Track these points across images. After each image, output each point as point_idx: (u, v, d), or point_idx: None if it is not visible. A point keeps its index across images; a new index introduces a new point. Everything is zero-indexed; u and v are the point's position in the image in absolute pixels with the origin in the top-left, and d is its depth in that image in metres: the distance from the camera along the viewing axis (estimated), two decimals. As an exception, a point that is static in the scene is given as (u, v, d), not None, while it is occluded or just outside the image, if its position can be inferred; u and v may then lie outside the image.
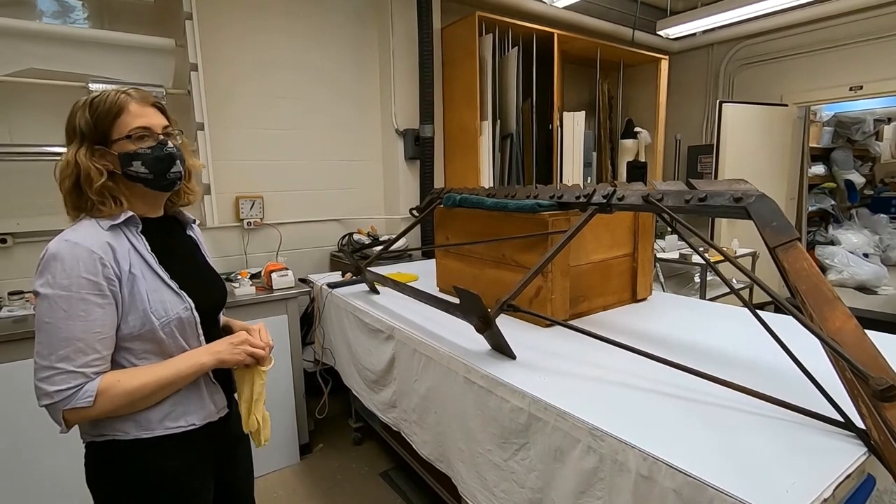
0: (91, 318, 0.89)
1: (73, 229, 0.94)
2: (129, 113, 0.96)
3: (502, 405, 1.19)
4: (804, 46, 4.15)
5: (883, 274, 4.93)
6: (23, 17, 2.16)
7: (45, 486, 1.84)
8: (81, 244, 0.90)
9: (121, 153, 0.96)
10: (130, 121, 0.96)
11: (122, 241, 0.96)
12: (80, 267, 0.89)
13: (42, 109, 2.25)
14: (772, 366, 1.21)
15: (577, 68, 4.25)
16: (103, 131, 0.96)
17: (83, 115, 0.96)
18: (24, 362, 1.79)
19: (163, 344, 0.98)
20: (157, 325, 0.95)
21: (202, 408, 1.05)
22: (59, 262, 0.89)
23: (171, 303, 0.98)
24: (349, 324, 2.11)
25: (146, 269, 0.97)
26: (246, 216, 2.82)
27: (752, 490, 0.75)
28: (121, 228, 0.97)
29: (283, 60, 2.89)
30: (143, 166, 0.97)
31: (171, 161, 1.00)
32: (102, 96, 0.96)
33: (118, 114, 0.96)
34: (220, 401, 1.09)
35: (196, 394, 1.04)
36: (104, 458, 0.98)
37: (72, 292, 0.88)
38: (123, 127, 0.96)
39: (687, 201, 1.21)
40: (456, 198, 1.93)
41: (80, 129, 0.96)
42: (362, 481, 2.34)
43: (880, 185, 6.10)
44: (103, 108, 0.95)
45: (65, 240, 0.91)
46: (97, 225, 0.95)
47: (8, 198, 2.20)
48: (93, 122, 0.95)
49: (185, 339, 1.01)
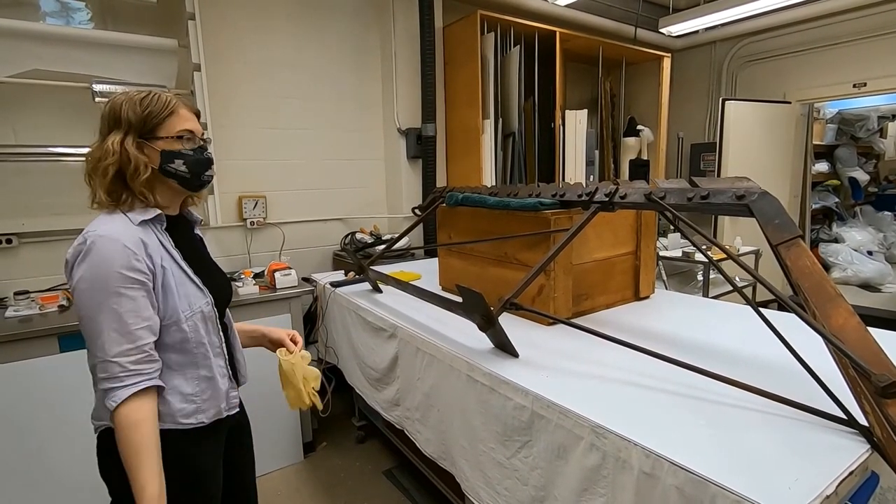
0: (124, 310, 0.92)
1: (104, 223, 0.96)
2: (179, 115, 1.02)
3: (505, 403, 1.20)
4: (807, 43, 4.13)
5: (887, 272, 4.91)
6: (26, 18, 2.17)
7: (53, 481, 1.86)
8: (117, 239, 0.93)
9: (164, 150, 1.00)
10: (180, 122, 1.02)
11: (151, 236, 0.99)
12: (113, 261, 0.91)
13: (46, 110, 2.27)
14: (775, 363, 1.21)
15: (579, 66, 4.25)
16: (152, 127, 0.99)
17: (132, 107, 0.99)
18: (31, 361, 1.80)
19: (185, 338, 1.01)
20: (183, 318, 1.00)
21: (218, 404, 1.09)
22: (95, 256, 0.91)
23: (194, 297, 1.03)
24: (352, 322, 2.12)
25: (173, 265, 1.01)
26: (249, 216, 2.83)
27: (755, 487, 0.75)
28: (150, 224, 1.00)
29: (285, 60, 2.89)
30: (183, 165, 1.02)
31: (209, 165, 1.08)
32: (154, 95, 1.01)
33: (170, 114, 1.01)
34: (234, 398, 1.15)
35: (217, 392, 1.09)
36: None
37: (106, 284, 0.91)
38: (172, 127, 1.01)
39: (689, 199, 1.21)
40: (458, 196, 1.93)
41: (127, 119, 0.98)
42: (366, 479, 2.35)
43: (885, 183, 6.06)
44: (156, 105, 1.00)
45: (99, 234, 0.93)
46: (128, 220, 0.98)
47: (13, 198, 2.22)
48: (143, 116, 0.99)
49: (205, 333, 1.05)
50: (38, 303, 2.03)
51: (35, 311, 2.00)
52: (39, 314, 1.98)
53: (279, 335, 1.29)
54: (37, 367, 1.81)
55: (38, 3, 2.26)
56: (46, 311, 2.01)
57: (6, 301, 2.12)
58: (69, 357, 1.85)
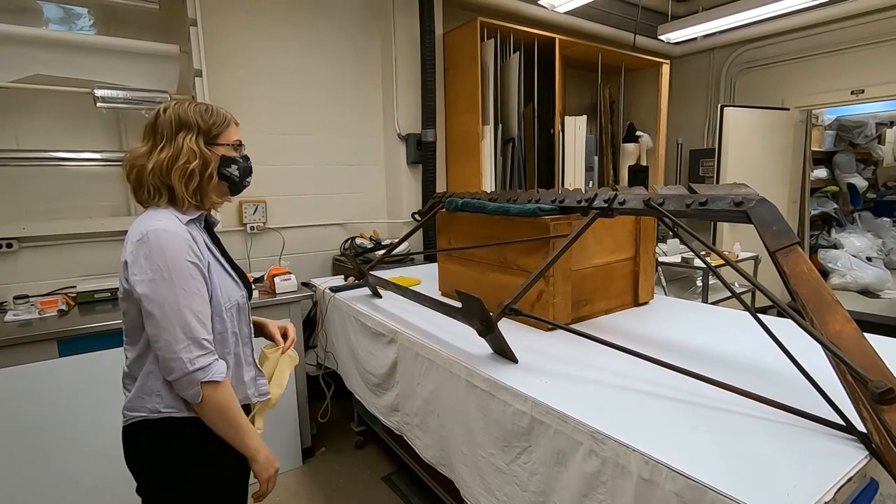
0: (199, 296, 1.01)
1: (158, 219, 1.02)
2: (233, 127, 1.16)
3: (505, 409, 1.20)
4: (806, 50, 4.16)
5: (886, 277, 4.92)
6: (29, 24, 2.19)
7: (54, 485, 1.85)
8: (177, 232, 1.01)
9: (224, 156, 1.13)
10: (234, 133, 1.16)
11: (197, 234, 1.08)
12: (182, 251, 1.00)
13: (48, 115, 2.28)
14: (773, 369, 1.22)
15: (578, 73, 4.27)
16: (215, 134, 1.11)
17: (199, 114, 1.09)
18: (31, 366, 1.80)
19: (223, 327, 1.09)
20: (224, 309, 1.09)
21: (245, 391, 1.17)
22: (163, 248, 0.98)
23: (232, 290, 1.13)
24: (352, 327, 2.12)
25: (214, 260, 1.10)
26: (249, 220, 2.83)
27: (754, 493, 0.76)
28: (194, 223, 1.09)
29: (286, 66, 2.91)
30: (237, 170, 1.15)
31: (251, 173, 1.21)
32: (213, 107, 1.13)
33: (228, 125, 1.15)
34: (262, 384, 1.22)
35: (242, 379, 1.16)
36: (159, 433, 1.06)
37: (182, 273, 0.99)
38: (230, 136, 1.14)
39: (688, 205, 1.22)
40: (458, 202, 1.94)
41: (196, 124, 1.09)
42: (365, 485, 2.34)
43: (883, 189, 6.08)
44: (218, 116, 1.12)
45: (161, 229, 1.00)
46: (177, 218, 1.05)
47: (14, 202, 2.22)
48: (210, 124, 1.10)
49: (239, 324, 1.15)
50: (37, 307, 2.03)
51: (35, 315, 2.00)
52: (39, 318, 1.98)
53: (272, 331, 1.40)
54: (36, 371, 1.81)
55: (41, 10, 2.27)
56: (46, 315, 2.01)
57: (6, 305, 2.12)
58: (68, 362, 1.85)
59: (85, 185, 2.37)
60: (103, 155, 2.39)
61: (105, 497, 1.93)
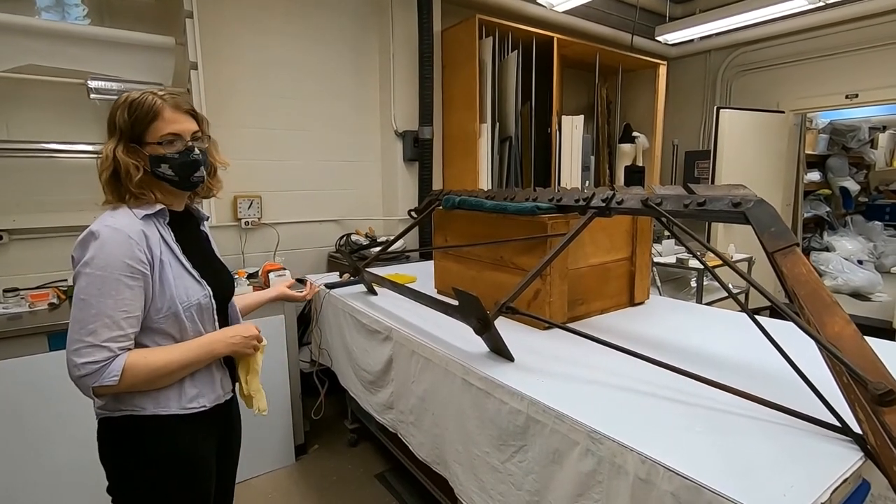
0: (120, 298, 0.97)
1: (111, 216, 1.02)
2: (163, 119, 1.05)
3: (500, 407, 1.19)
4: (801, 54, 4.19)
5: (877, 281, 4.96)
6: (21, 13, 2.15)
7: (45, 477, 1.84)
8: (121, 230, 0.99)
9: (151, 155, 1.05)
10: (163, 126, 1.05)
11: (153, 230, 1.05)
12: (117, 250, 0.97)
13: (40, 106, 2.24)
14: (768, 370, 1.22)
15: (576, 73, 4.27)
16: (139, 133, 1.04)
17: (122, 114, 1.04)
18: (20, 360, 1.78)
19: (183, 327, 1.07)
20: (181, 309, 1.05)
21: (213, 391, 1.14)
22: (99, 244, 0.97)
23: (192, 289, 1.08)
24: (346, 324, 2.11)
25: (172, 258, 1.07)
26: (244, 216, 2.81)
27: (749, 494, 0.76)
28: (152, 219, 1.06)
29: (283, 60, 2.88)
30: (170, 169, 1.06)
31: (196, 166, 1.10)
32: (141, 99, 1.04)
33: (153, 119, 1.04)
34: (227, 385, 1.20)
35: (209, 378, 1.14)
36: (120, 432, 1.05)
37: (107, 273, 0.96)
38: (156, 132, 1.04)
39: (686, 206, 1.22)
40: (455, 199, 1.93)
41: (119, 127, 1.05)
42: (358, 483, 2.33)
43: (875, 193, 6.14)
44: (141, 111, 1.04)
45: (105, 225, 0.99)
46: (133, 214, 1.03)
47: (4, 194, 2.19)
48: (130, 123, 1.04)
49: (202, 324, 1.11)
50: (27, 300, 2.01)
51: (24, 308, 1.97)
52: (29, 312, 1.96)
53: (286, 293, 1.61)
54: (26, 365, 1.79)
55: (33, -2, 2.24)
56: (36, 308, 1.98)
57: (-5, 298, 2.09)
58: (59, 356, 1.80)
59: (77, 178, 2.34)
60: (96, 147, 2.36)
61: (93, 491, 1.90)
